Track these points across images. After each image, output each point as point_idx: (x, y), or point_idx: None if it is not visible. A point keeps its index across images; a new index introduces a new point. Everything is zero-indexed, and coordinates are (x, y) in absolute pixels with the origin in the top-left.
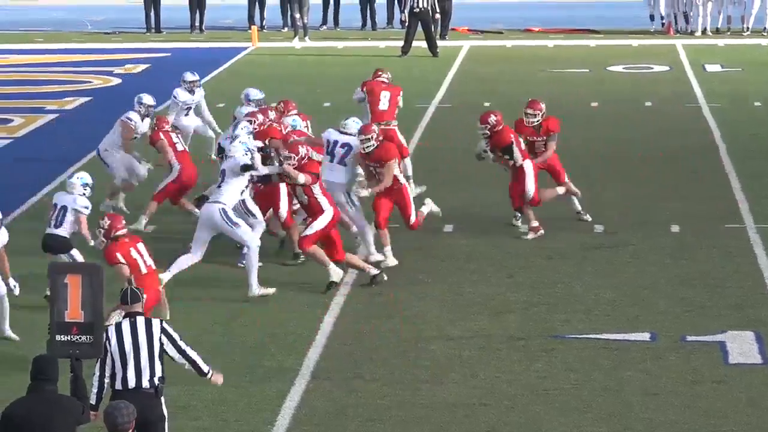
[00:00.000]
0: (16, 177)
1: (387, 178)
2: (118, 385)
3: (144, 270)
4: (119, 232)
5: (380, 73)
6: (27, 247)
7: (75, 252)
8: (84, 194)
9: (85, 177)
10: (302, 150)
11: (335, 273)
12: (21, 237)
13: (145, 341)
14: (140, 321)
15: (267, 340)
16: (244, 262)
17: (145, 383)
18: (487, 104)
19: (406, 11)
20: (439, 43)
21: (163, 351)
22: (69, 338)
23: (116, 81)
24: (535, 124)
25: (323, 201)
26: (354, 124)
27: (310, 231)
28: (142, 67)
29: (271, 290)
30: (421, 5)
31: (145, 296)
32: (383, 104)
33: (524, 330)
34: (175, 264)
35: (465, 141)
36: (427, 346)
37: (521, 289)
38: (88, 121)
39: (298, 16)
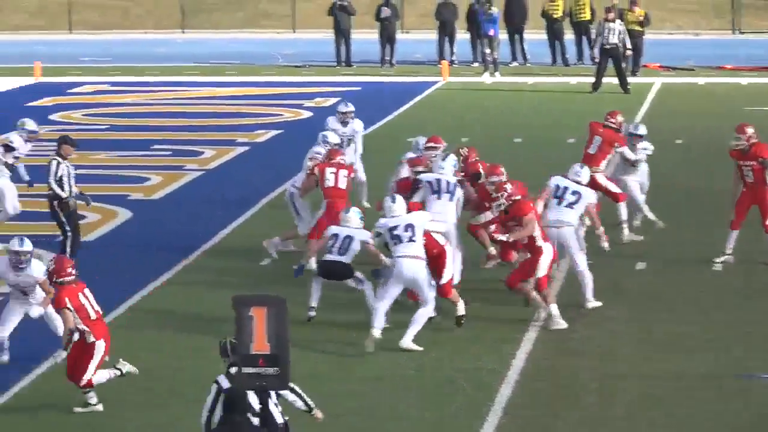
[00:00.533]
0: (207, 209)
1: (520, 233)
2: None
3: (93, 315)
4: (67, 278)
5: (609, 117)
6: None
7: (359, 274)
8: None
9: (360, 211)
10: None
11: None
12: (205, 273)
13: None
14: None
15: (458, 376)
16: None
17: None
18: (678, 141)
19: (597, 48)
20: (630, 79)
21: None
22: (255, 370)
23: (307, 114)
24: (742, 147)
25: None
26: (585, 172)
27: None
28: (332, 100)
29: (418, 348)
30: (611, 42)
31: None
32: (592, 148)
33: (718, 369)
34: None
35: (659, 177)
36: (620, 383)
37: (716, 328)
38: (279, 153)
39: (488, 51)
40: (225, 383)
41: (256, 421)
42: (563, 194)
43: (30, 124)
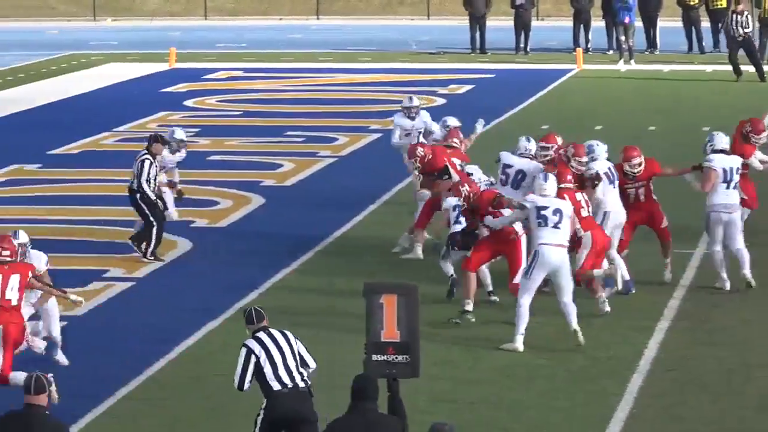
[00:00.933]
0: (339, 196)
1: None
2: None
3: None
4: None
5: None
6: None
7: None
8: None
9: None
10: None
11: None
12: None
13: (287, 347)
14: (277, 333)
15: (589, 364)
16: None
17: (300, 384)
18: None
19: (727, 37)
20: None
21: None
22: (385, 358)
23: (441, 101)
24: None
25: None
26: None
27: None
28: (466, 87)
29: (519, 349)
30: (740, 33)
31: None
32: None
33: None
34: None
35: None
36: (753, 374)
37: None
38: None
39: (623, 38)
40: (254, 346)
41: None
42: (731, 177)
43: (179, 133)
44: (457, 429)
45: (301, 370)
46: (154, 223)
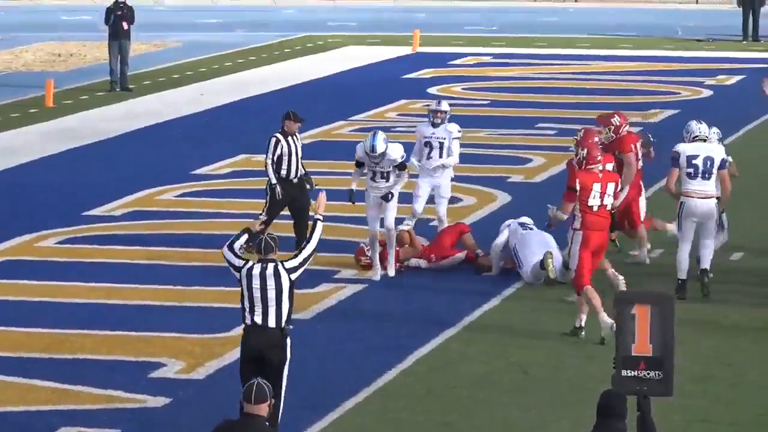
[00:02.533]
0: None
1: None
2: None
3: None
4: None
5: None
6: None
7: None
8: None
9: None
10: None
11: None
12: None
13: (274, 286)
14: (270, 266)
15: None
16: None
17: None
18: None
19: None
20: None
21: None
22: (636, 374)
23: (707, 93)
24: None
25: None
26: None
27: None
28: (735, 78)
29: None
30: None
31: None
32: None
33: None
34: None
35: None
36: None
37: None
38: (672, 136)
39: None
40: (243, 274)
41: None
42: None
43: (444, 105)
44: None
45: (282, 309)
46: (262, 214)
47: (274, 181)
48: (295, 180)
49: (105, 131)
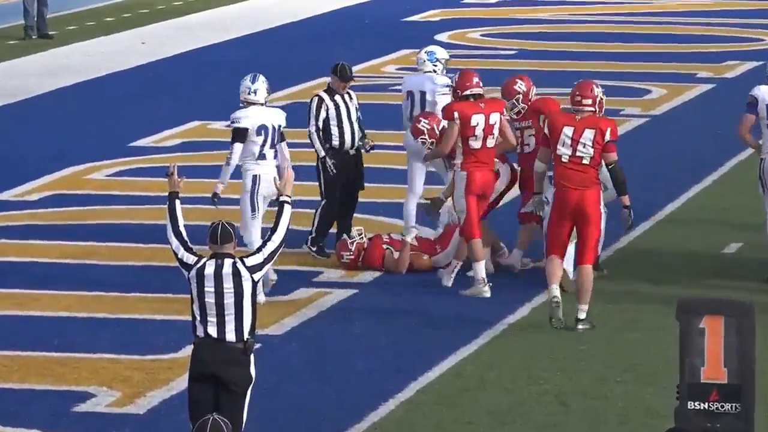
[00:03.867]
0: (654, 169)
1: None
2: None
3: None
4: None
5: None
6: None
7: None
8: None
9: None
10: None
11: None
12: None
13: (231, 291)
14: (227, 264)
15: None
16: None
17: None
18: None
19: None
20: None
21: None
22: (706, 406)
23: None
24: None
25: None
26: None
27: None
28: None
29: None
30: None
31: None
32: None
33: None
34: None
35: None
36: None
37: None
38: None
39: None
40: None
41: None
42: None
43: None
44: None
45: (244, 319)
46: (322, 199)
47: (322, 153)
48: (352, 151)
49: (17, 91)
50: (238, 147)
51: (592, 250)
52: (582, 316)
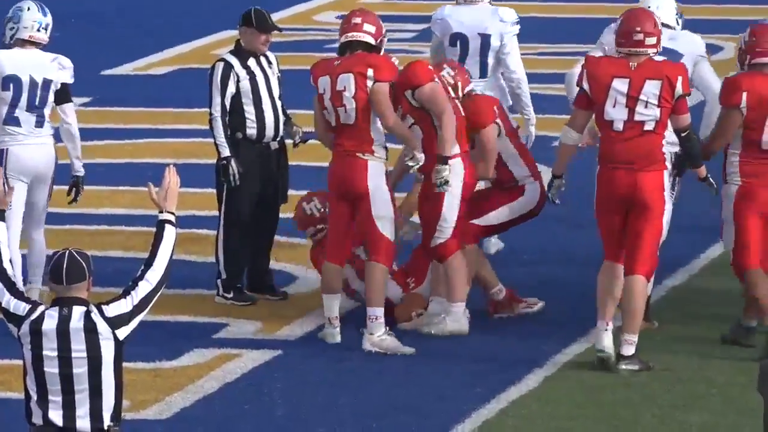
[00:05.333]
0: None
1: None
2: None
3: None
4: None
5: None
6: None
7: None
8: None
9: None
10: None
11: None
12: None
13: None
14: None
15: None
16: None
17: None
18: None
19: None
20: None
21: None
22: None
23: None
24: None
25: None
26: None
27: None
28: None
29: None
30: None
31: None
32: None
33: None
34: None
35: None
36: None
37: None
38: None
39: None
40: (24, 330)
41: None
42: None
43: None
44: None
45: (104, 398)
46: (220, 221)
47: (226, 152)
48: (275, 143)
49: None
50: None
51: (648, 258)
52: (628, 351)
